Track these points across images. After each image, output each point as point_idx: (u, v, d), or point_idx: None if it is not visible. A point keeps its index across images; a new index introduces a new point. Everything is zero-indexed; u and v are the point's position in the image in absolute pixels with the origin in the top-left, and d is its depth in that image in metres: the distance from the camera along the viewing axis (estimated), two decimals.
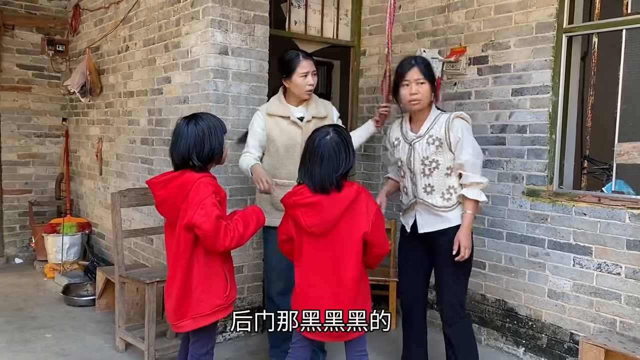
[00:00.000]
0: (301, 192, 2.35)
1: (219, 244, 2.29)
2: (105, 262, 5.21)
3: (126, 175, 4.86)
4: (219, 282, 2.42)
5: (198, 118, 2.43)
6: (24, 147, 5.91)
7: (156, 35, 4.26)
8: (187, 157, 2.37)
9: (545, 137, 3.49)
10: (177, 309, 2.40)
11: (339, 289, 2.38)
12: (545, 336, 3.49)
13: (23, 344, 3.66)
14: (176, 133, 2.42)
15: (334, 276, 2.38)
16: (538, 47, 3.49)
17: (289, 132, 3.11)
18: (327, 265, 2.38)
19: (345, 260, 2.37)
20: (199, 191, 2.30)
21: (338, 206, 2.33)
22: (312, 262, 2.40)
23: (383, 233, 2.44)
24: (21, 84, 5.83)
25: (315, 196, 2.32)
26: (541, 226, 3.50)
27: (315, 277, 2.40)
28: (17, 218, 5.88)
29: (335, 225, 2.34)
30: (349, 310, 2.37)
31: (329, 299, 2.38)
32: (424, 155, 2.82)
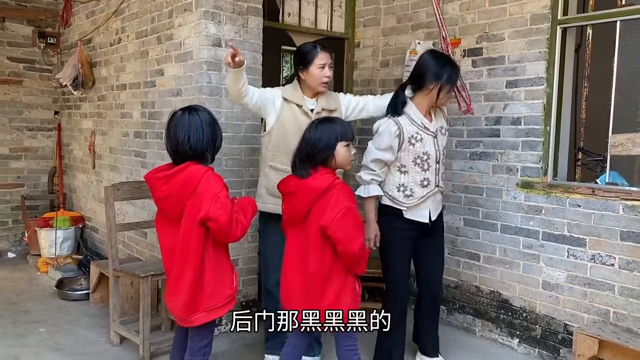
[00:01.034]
0: (287, 180, 2.48)
1: (232, 235, 2.32)
2: (99, 256, 5.19)
3: (119, 168, 4.83)
4: (227, 273, 2.45)
5: (198, 109, 2.40)
6: (15, 140, 5.86)
7: (149, 27, 4.23)
8: (202, 150, 2.34)
9: (539, 128, 3.49)
10: (189, 304, 2.36)
11: (306, 281, 2.43)
12: (540, 327, 3.51)
13: (17, 339, 3.65)
14: (184, 125, 2.34)
15: (302, 267, 2.45)
16: (532, 38, 3.49)
17: (299, 120, 3.07)
18: (298, 255, 2.46)
19: (309, 252, 2.41)
20: (211, 185, 2.29)
21: (308, 195, 2.38)
22: (289, 249, 2.53)
23: (349, 232, 2.37)
24: (12, 77, 5.78)
25: (295, 185, 2.41)
26: (535, 218, 3.51)
27: (289, 265, 2.50)
28: (9, 212, 5.85)
29: (307, 215, 2.39)
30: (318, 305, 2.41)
31: (298, 289, 2.45)
32: (443, 145, 3.08)
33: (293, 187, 2.43)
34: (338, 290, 2.43)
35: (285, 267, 2.53)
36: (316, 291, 2.41)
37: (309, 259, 2.40)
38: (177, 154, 2.36)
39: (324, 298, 2.41)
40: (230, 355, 3.44)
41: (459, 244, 3.95)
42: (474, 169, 3.85)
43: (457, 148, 3.94)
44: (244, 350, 3.49)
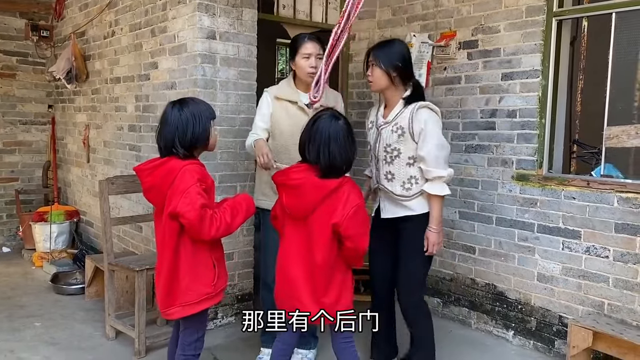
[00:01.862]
0: (288, 173, 2.38)
1: (204, 233, 2.25)
2: (94, 250, 5.18)
3: (114, 162, 4.81)
4: (206, 270, 2.39)
5: (184, 103, 2.39)
6: (9, 134, 5.83)
7: (142, 19, 4.20)
8: (171, 144, 2.34)
9: (535, 121, 3.49)
10: (165, 296, 2.38)
11: (310, 277, 2.39)
12: (535, 319, 3.52)
13: (12, 333, 3.64)
14: (162, 119, 2.40)
15: (307, 262, 2.39)
16: (528, 31, 3.48)
17: (295, 117, 3.04)
18: (302, 250, 2.40)
19: (315, 248, 2.37)
20: (184, 179, 2.25)
21: (319, 192, 2.32)
22: (290, 244, 2.44)
23: (360, 229, 2.37)
24: (5, 70, 5.74)
25: (301, 179, 2.33)
26: (530, 210, 3.51)
27: (290, 260, 2.44)
28: (3, 206, 5.83)
29: (313, 210, 2.34)
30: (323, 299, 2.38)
31: (301, 285, 2.39)
32: (387, 142, 2.82)
33: (298, 180, 2.34)
34: (340, 284, 2.44)
35: (285, 262, 2.46)
36: (321, 286, 2.38)
37: (315, 253, 2.36)
38: (159, 146, 2.41)
39: (328, 292, 2.40)
40: (226, 348, 3.44)
41: (455, 236, 3.95)
42: (469, 161, 3.85)
43: (452, 141, 3.93)
44: (239, 344, 3.49)
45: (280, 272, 2.48)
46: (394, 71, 2.78)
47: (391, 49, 2.83)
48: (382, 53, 2.82)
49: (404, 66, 2.80)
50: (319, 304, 2.38)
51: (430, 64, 4.02)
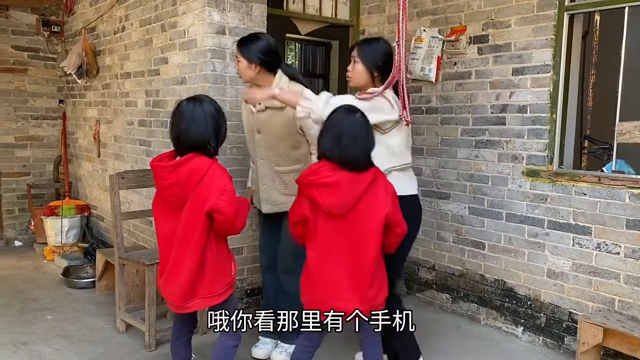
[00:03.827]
0: (319, 172, 2.31)
1: (236, 227, 2.39)
2: (105, 244, 5.22)
3: (124, 157, 4.84)
4: (226, 261, 2.49)
5: (203, 100, 2.41)
6: (21, 129, 5.87)
7: (152, 15, 4.21)
8: (203, 141, 2.34)
9: (545, 116, 3.47)
10: (187, 291, 2.38)
11: (356, 273, 2.35)
12: (544, 315, 3.51)
13: (24, 326, 3.68)
14: (186, 116, 2.36)
15: (352, 259, 2.35)
16: (539, 25, 3.45)
17: (248, 120, 3.17)
18: (344, 248, 2.34)
19: (365, 242, 2.35)
20: (217, 177, 2.32)
21: (358, 186, 2.31)
22: (328, 244, 2.36)
23: (401, 213, 2.43)
24: (17, 65, 5.77)
25: (335, 176, 2.28)
26: (541, 206, 3.49)
27: (330, 260, 2.36)
28: (15, 201, 5.87)
29: (354, 206, 2.31)
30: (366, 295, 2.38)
31: (344, 283, 2.35)
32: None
33: (332, 178, 2.29)
34: (381, 278, 2.46)
35: (323, 263, 2.37)
36: (367, 281, 2.38)
37: (366, 248, 2.35)
38: (180, 144, 2.38)
39: (372, 287, 2.39)
40: None
41: (464, 232, 3.95)
42: (479, 157, 3.83)
43: (462, 136, 3.92)
44: (245, 337, 3.45)
45: (318, 274, 2.39)
46: (376, 70, 2.78)
47: (376, 47, 2.82)
48: (366, 50, 2.82)
49: (386, 66, 2.77)
50: (363, 300, 2.36)
51: (440, 59, 4.00)
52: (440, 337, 3.65)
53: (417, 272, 4.31)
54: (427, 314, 4.04)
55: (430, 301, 4.22)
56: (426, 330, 3.70)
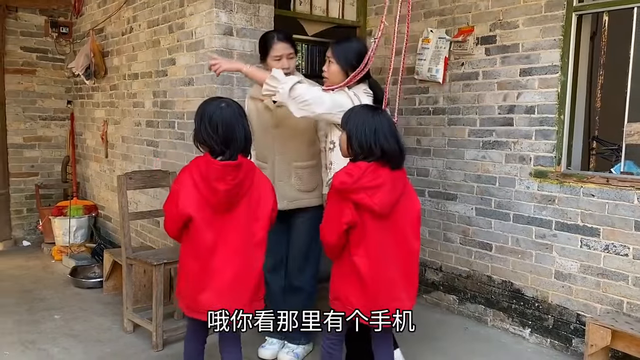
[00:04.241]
0: (365, 174, 2.25)
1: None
2: (112, 244, 5.24)
3: (132, 157, 4.86)
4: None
5: (230, 101, 2.39)
6: (29, 130, 5.91)
7: (160, 16, 4.23)
8: (244, 143, 2.33)
9: (553, 117, 3.45)
10: (253, 294, 2.39)
11: (406, 270, 2.39)
12: (552, 317, 3.49)
13: (33, 325, 3.70)
14: (233, 116, 2.31)
15: (401, 257, 2.37)
16: (547, 26, 3.44)
17: (262, 116, 3.13)
18: (393, 247, 2.34)
19: (409, 238, 2.38)
20: (264, 177, 2.44)
21: (399, 183, 2.34)
22: (380, 245, 2.32)
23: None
24: (25, 66, 5.81)
25: (381, 176, 2.27)
26: (548, 207, 3.48)
27: (385, 261, 2.33)
28: (24, 201, 5.90)
29: (396, 204, 2.33)
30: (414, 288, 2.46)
31: (399, 282, 2.37)
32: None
33: (383, 178, 2.27)
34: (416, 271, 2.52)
35: (378, 264, 2.32)
36: (415, 277, 2.45)
37: (411, 243, 2.38)
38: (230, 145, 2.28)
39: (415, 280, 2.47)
40: (250, 342, 3.40)
41: (471, 233, 3.93)
42: (486, 158, 3.82)
43: (469, 137, 3.91)
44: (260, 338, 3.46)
45: (375, 276, 2.32)
46: (350, 69, 2.79)
47: (349, 46, 2.85)
48: (340, 50, 2.83)
49: (359, 64, 2.78)
50: (413, 297, 2.43)
51: (447, 60, 3.99)
52: (447, 338, 3.64)
53: (424, 273, 4.30)
54: (434, 315, 4.03)
55: (437, 302, 4.21)
56: (433, 332, 3.70)
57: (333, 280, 2.45)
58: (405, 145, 2.39)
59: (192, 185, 2.28)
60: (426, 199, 4.23)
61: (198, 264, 2.33)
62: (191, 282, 2.35)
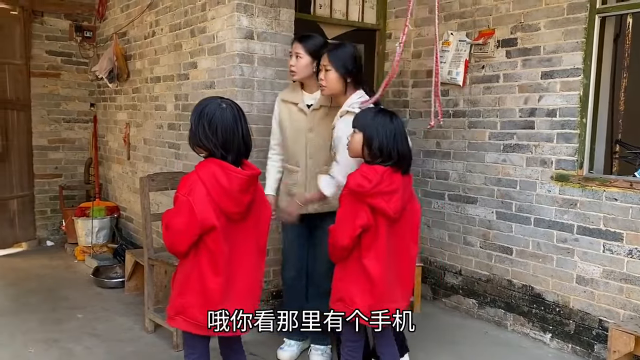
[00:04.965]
0: (383, 179, 2.26)
1: None
2: (133, 245, 5.31)
3: (153, 159, 4.92)
4: None
5: (230, 100, 2.25)
6: (53, 132, 6.01)
7: (182, 20, 4.28)
8: (249, 149, 2.23)
9: (575, 120, 3.42)
10: (257, 298, 2.38)
11: (404, 272, 2.44)
12: (573, 322, 3.45)
13: (56, 324, 3.77)
14: (234, 117, 2.17)
15: (401, 259, 2.41)
16: (569, 28, 3.41)
17: (296, 119, 3.14)
18: (395, 250, 2.37)
19: (410, 241, 2.43)
20: (259, 182, 2.30)
21: (409, 188, 2.39)
22: (387, 248, 2.34)
23: None
24: (50, 70, 5.91)
25: (397, 180, 2.30)
26: (570, 211, 3.44)
27: (391, 261, 2.36)
28: (48, 201, 6.01)
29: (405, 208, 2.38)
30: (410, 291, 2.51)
31: (396, 283, 2.41)
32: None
33: (398, 183, 2.30)
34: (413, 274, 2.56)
35: (386, 265, 2.34)
36: (411, 279, 2.50)
37: (411, 246, 2.44)
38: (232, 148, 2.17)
39: (411, 283, 2.51)
40: (262, 343, 3.43)
41: (491, 237, 3.91)
42: (507, 161, 3.80)
43: (490, 140, 3.89)
44: (274, 339, 3.48)
45: (382, 279, 2.34)
46: (348, 75, 2.82)
47: (345, 52, 2.86)
48: (337, 57, 2.84)
49: (357, 70, 2.85)
50: (406, 298, 2.48)
51: (467, 62, 3.98)
52: (467, 342, 3.62)
53: (444, 277, 4.28)
54: (453, 319, 4.01)
55: (456, 306, 4.19)
56: (452, 336, 3.69)
57: (337, 282, 2.46)
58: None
59: (206, 194, 2.10)
60: (446, 202, 4.22)
61: (221, 279, 2.17)
62: (212, 297, 2.17)
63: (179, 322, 2.25)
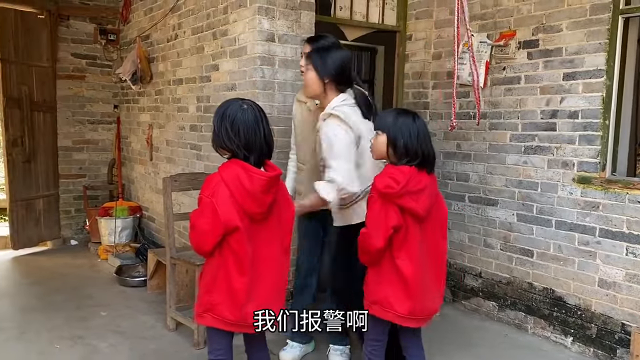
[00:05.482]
0: (411, 178, 2.28)
1: None
2: (155, 244, 5.38)
3: (176, 160, 4.99)
4: None
5: (250, 101, 2.29)
6: (78, 133, 6.13)
7: (204, 23, 4.34)
8: (271, 149, 2.25)
9: (598, 122, 3.39)
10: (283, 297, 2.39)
11: (438, 272, 2.46)
12: (595, 326, 3.42)
13: (81, 321, 3.85)
14: (256, 119, 2.20)
15: (434, 260, 2.43)
16: (592, 29, 3.39)
17: (305, 118, 3.21)
18: (427, 248, 2.38)
19: (439, 241, 2.44)
20: (282, 181, 2.32)
21: (434, 187, 2.40)
22: (419, 248, 2.35)
23: None
24: (75, 72, 6.04)
25: (423, 180, 2.32)
26: (592, 214, 3.41)
27: (424, 262, 2.36)
28: (72, 201, 6.13)
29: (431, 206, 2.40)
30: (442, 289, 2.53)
31: (432, 284, 2.43)
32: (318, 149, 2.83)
33: (424, 182, 2.32)
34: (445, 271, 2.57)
35: (419, 267, 2.35)
36: (444, 279, 2.51)
37: (441, 244, 2.45)
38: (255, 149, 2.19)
39: (444, 280, 2.53)
40: (279, 344, 3.48)
41: (512, 239, 3.89)
42: (528, 163, 3.78)
43: (511, 142, 3.87)
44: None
45: (418, 280, 2.34)
46: (328, 79, 2.75)
47: (330, 56, 2.77)
48: (318, 58, 2.77)
49: (337, 74, 2.75)
50: (442, 298, 2.51)
51: (488, 64, 3.97)
52: (486, 345, 3.61)
53: (463, 279, 4.27)
54: (473, 322, 4.00)
55: (476, 309, 4.17)
56: (471, 338, 3.68)
57: (369, 284, 2.46)
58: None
59: (229, 196, 2.14)
60: (466, 204, 4.21)
61: (246, 278, 2.20)
62: (238, 296, 2.21)
63: (207, 319, 2.28)
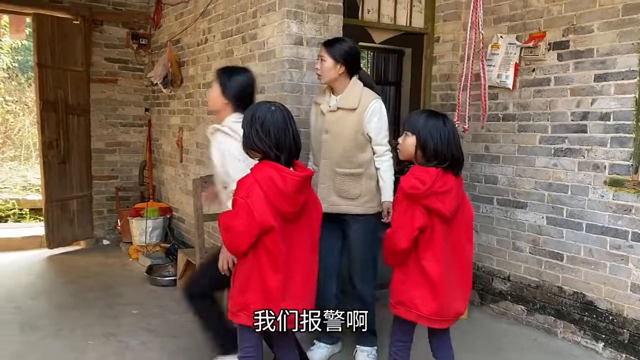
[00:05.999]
0: (437, 180, 2.29)
1: None
2: (185, 244, 5.48)
3: (205, 162, 5.07)
4: None
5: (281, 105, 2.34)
6: (110, 135, 6.28)
7: (234, 27, 4.41)
8: (299, 149, 2.30)
9: (630, 124, 3.33)
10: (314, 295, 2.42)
11: (464, 273, 2.46)
12: (627, 331, 3.36)
13: (113, 319, 3.95)
14: (285, 121, 2.26)
15: (459, 261, 2.43)
16: (624, 30, 3.33)
17: (319, 120, 3.26)
18: (452, 250, 2.39)
19: (466, 243, 2.44)
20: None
21: (461, 189, 2.40)
22: (445, 250, 2.35)
23: None
24: (108, 76, 6.19)
25: (450, 181, 2.33)
26: (624, 217, 3.36)
27: (448, 264, 2.36)
28: (104, 202, 6.28)
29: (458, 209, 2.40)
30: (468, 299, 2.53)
31: (458, 285, 2.42)
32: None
33: (450, 184, 2.33)
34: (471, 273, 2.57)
35: (445, 268, 2.35)
36: (470, 280, 2.52)
37: (467, 247, 2.45)
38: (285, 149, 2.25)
39: (470, 283, 2.54)
40: None
41: (541, 242, 3.85)
42: (558, 165, 3.73)
43: (540, 144, 3.83)
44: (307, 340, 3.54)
45: (444, 281, 2.34)
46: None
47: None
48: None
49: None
50: (467, 300, 2.51)
51: (517, 65, 3.94)
52: (515, 349, 3.57)
53: (491, 283, 4.23)
54: (501, 326, 3.96)
55: (504, 312, 4.13)
56: (500, 342, 3.65)
57: (395, 286, 2.46)
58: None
59: (263, 196, 2.18)
60: (494, 207, 4.17)
61: (280, 276, 2.24)
62: (273, 295, 2.24)
63: (242, 317, 2.31)
